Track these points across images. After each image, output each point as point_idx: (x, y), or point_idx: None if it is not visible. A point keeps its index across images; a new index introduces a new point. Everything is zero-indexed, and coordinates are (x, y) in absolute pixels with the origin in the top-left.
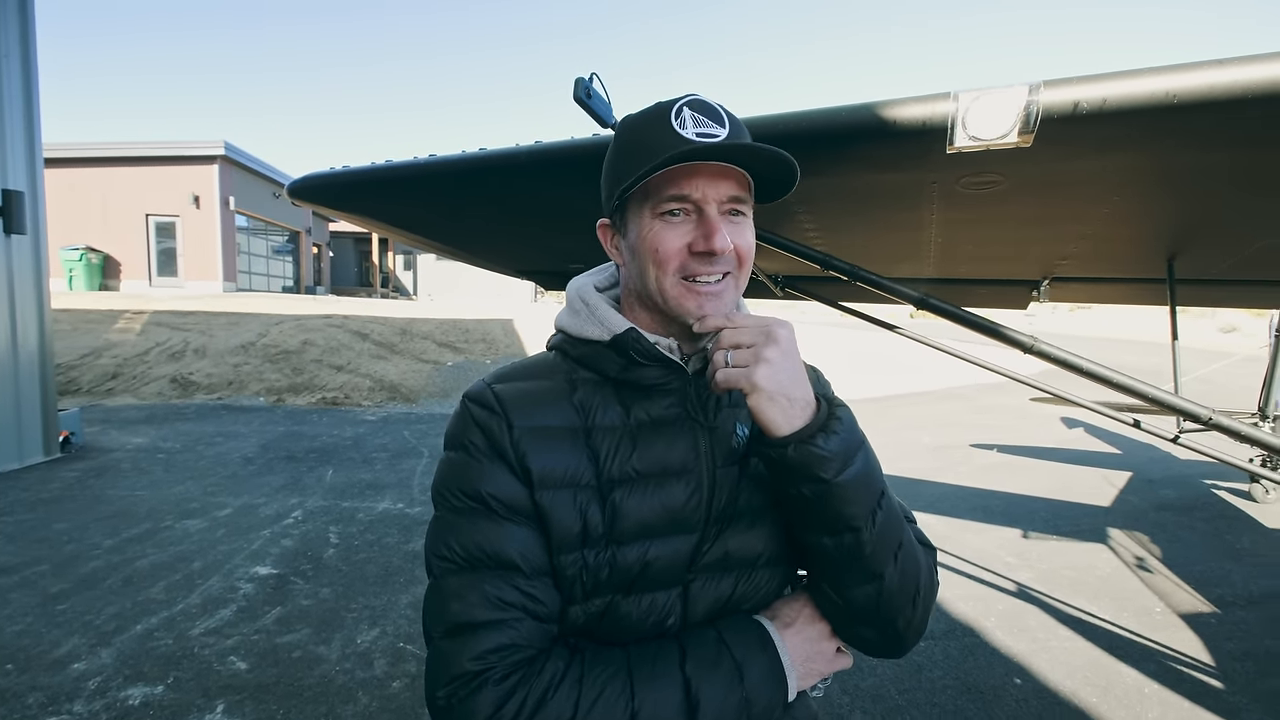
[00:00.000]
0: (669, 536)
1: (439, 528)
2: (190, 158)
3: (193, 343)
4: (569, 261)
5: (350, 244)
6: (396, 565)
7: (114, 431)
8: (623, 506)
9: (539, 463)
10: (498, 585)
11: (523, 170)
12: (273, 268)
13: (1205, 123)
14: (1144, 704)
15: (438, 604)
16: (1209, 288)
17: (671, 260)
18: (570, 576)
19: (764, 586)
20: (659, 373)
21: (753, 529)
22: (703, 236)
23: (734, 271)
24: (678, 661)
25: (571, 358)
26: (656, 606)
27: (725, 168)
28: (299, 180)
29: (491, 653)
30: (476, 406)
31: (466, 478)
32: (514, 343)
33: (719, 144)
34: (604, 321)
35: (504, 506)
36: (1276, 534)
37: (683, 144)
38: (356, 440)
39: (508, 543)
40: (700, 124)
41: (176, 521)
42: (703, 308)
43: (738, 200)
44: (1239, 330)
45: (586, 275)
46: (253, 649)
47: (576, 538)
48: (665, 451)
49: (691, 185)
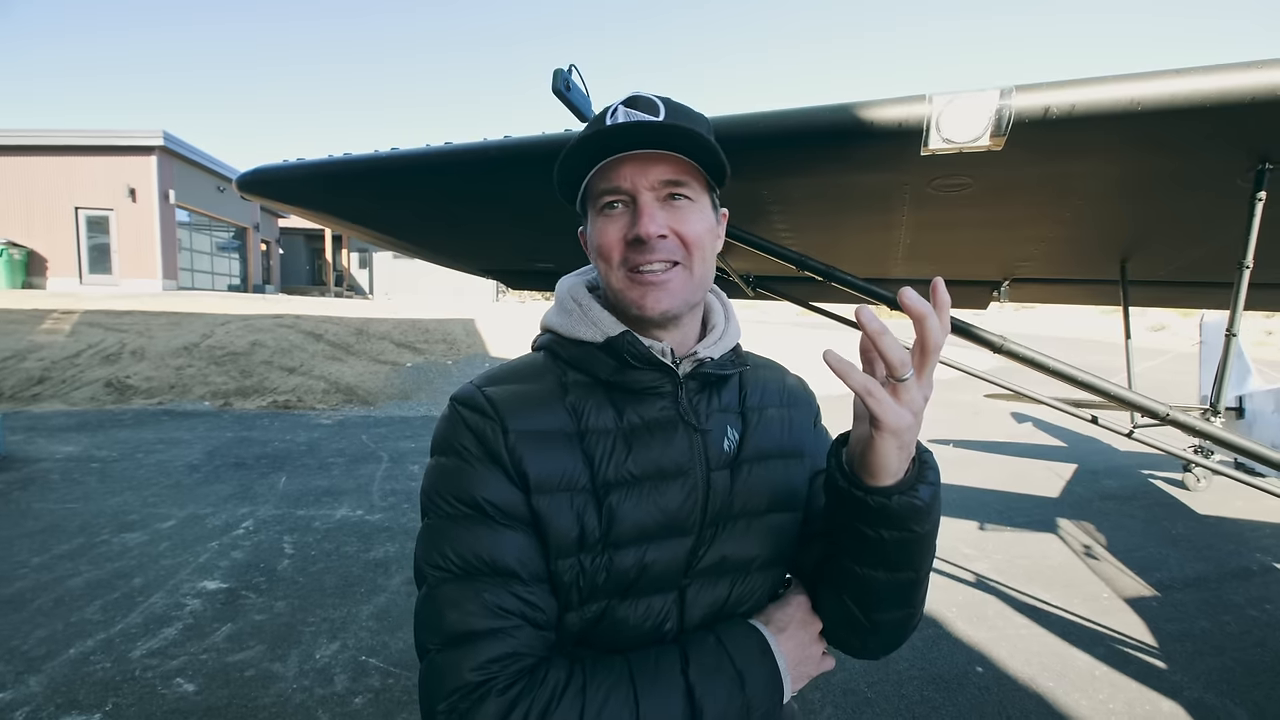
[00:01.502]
0: (666, 540)
1: (432, 535)
2: (125, 148)
3: (129, 344)
4: (535, 260)
5: (301, 241)
6: (357, 575)
7: (41, 440)
8: (619, 510)
9: (535, 467)
10: (496, 593)
11: (491, 165)
12: (218, 265)
13: (1163, 129)
14: (1095, 686)
15: (434, 614)
16: (1158, 289)
17: (613, 252)
18: (567, 582)
19: (758, 590)
20: (652, 376)
21: (748, 533)
22: (632, 224)
23: (682, 260)
24: (680, 668)
25: (562, 359)
26: (653, 611)
27: (658, 154)
28: (249, 173)
29: (493, 662)
30: (468, 410)
31: (460, 483)
32: (476, 343)
33: (632, 124)
34: (597, 323)
35: (500, 512)
36: (1208, 520)
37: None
38: (311, 445)
39: (505, 549)
40: (631, 116)
41: (114, 535)
42: (644, 297)
43: (675, 184)
44: (1168, 329)
45: (576, 275)
46: (201, 669)
47: (574, 543)
48: (661, 454)
49: (620, 176)
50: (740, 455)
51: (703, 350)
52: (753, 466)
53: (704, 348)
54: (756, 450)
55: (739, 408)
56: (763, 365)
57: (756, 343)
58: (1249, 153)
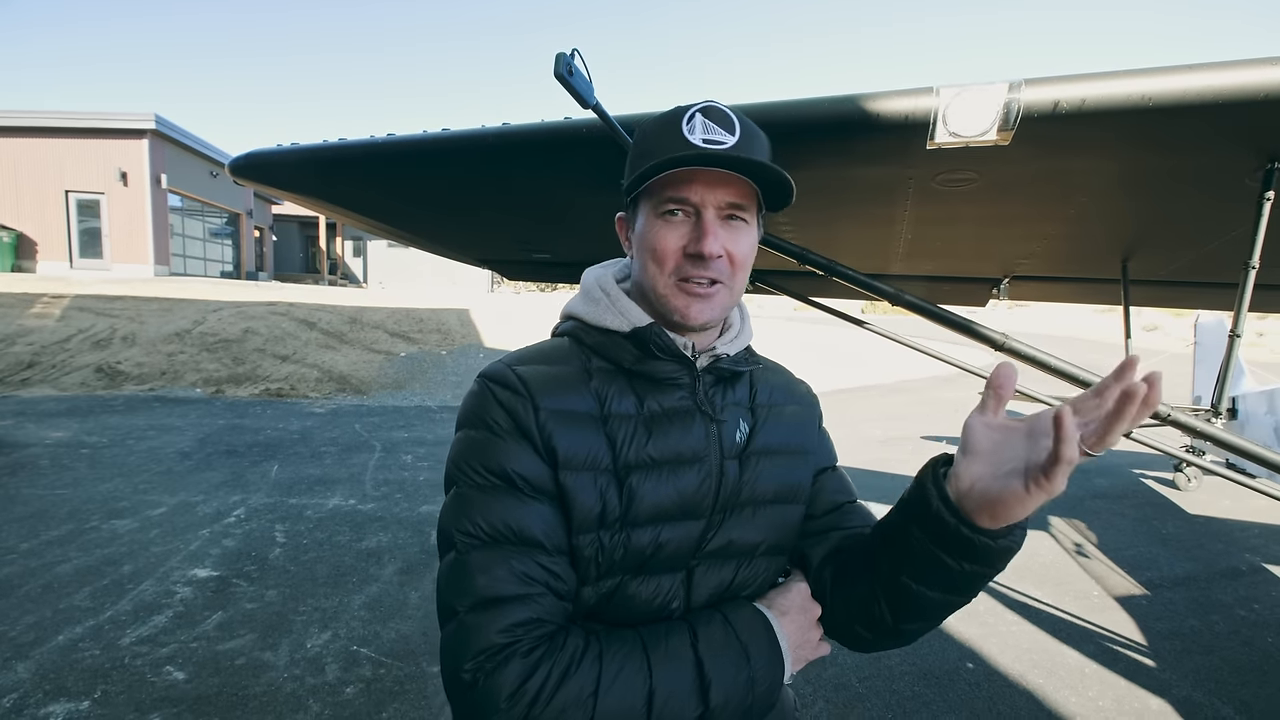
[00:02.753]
0: (680, 521)
1: (460, 503)
2: (117, 130)
3: (120, 330)
4: (532, 250)
5: (295, 228)
6: (349, 565)
7: (30, 425)
8: (639, 491)
9: (564, 445)
10: (523, 561)
11: (489, 153)
12: (210, 251)
13: (1173, 127)
14: (1085, 683)
15: (462, 577)
16: (1159, 288)
17: (668, 259)
18: (587, 557)
19: (762, 574)
20: (672, 367)
21: (754, 520)
22: (696, 239)
23: (726, 280)
24: (690, 642)
25: (586, 345)
26: (662, 589)
27: (726, 174)
28: (242, 157)
29: (518, 626)
30: (499, 387)
31: (491, 455)
32: (470, 333)
33: (716, 152)
34: (625, 313)
35: (529, 485)
36: (1198, 519)
37: (687, 149)
38: (304, 434)
39: (533, 520)
40: (709, 130)
41: (103, 522)
42: (689, 307)
43: (737, 207)
44: (1160, 329)
45: (602, 267)
46: (191, 657)
47: (595, 519)
48: (680, 440)
49: (691, 189)
50: (749, 447)
51: (720, 347)
52: (760, 459)
53: (722, 345)
54: (764, 444)
55: (749, 404)
56: (772, 368)
57: (754, 338)
58: (1258, 151)
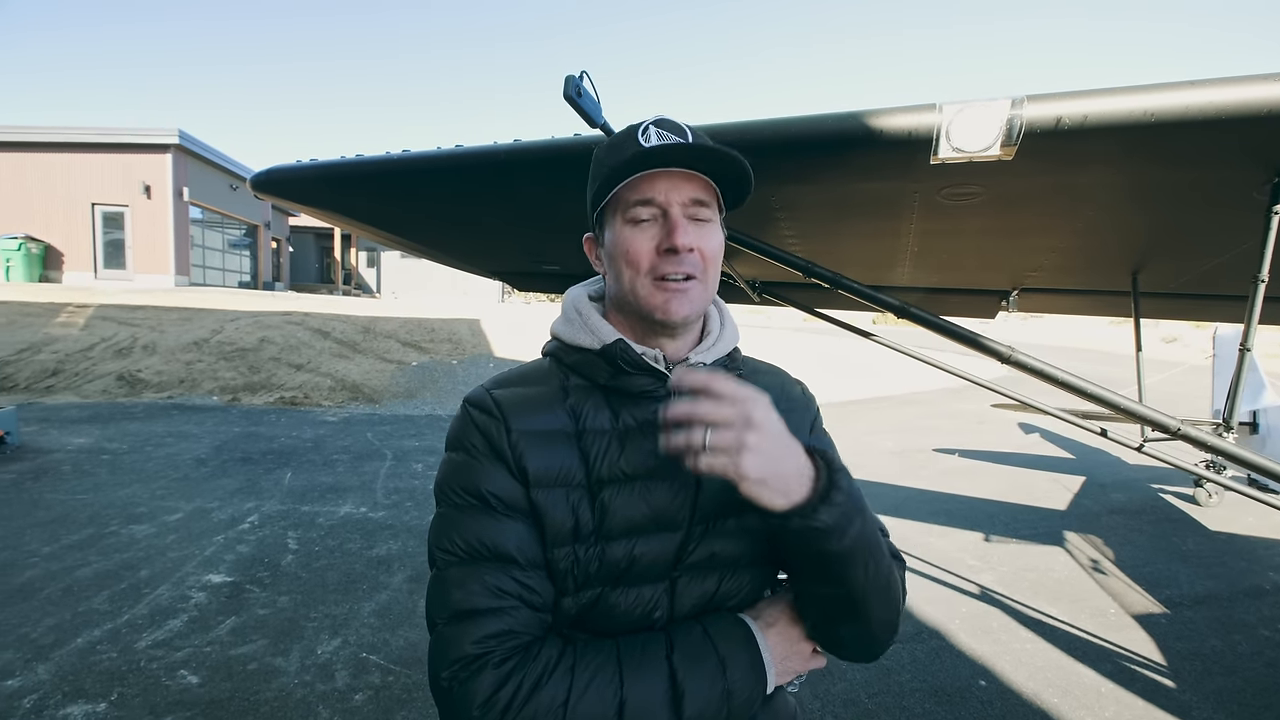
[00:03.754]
0: (654, 534)
1: (442, 523)
2: (142, 145)
3: (141, 338)
4: (542, 263)
5: (311, 239)
6: (359, 572)
7: (54, 431)
8: (611, 505)
9: (535, 464)
10: (497, 576)
11: (499, 169)
12: (229, 262)
13: (1178, 141)
14: (1101, 703)
15: (442, 592)
16: (1170, 301)
17: (642, 260)
18: (563, 569)
19: (747, 586)
20: (645, 381)
21: (737, 532)
22: (667, 235)
23: (699, 276)
24: (665, 653)
25: (565, 364)
26: (643, 599)
27: (687, 173)
28: (264, 173)
29: (491, 638)
30: (477, 411)
31: (468, 477)
32: (481, 343)
33: (677, 144)
34: (594, 330)
35: (502, 504)
36: (1220, 536)
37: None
38: (317, 442)
39: (506, 537)
40: (664, 137)
41: (122, 527)
42: (669, 303)
43: (701, 204)
44: (1179, 340)
45: (581, 286)
46: (205, 662)
47: (569, 533)
48: (651, 454)
49: (654, 189)
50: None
51: (695, 356)
52: None
53: (697, 353)
54: None
55: None
56: (764, 370)
57: (760, 348)
58: (1265, 165)
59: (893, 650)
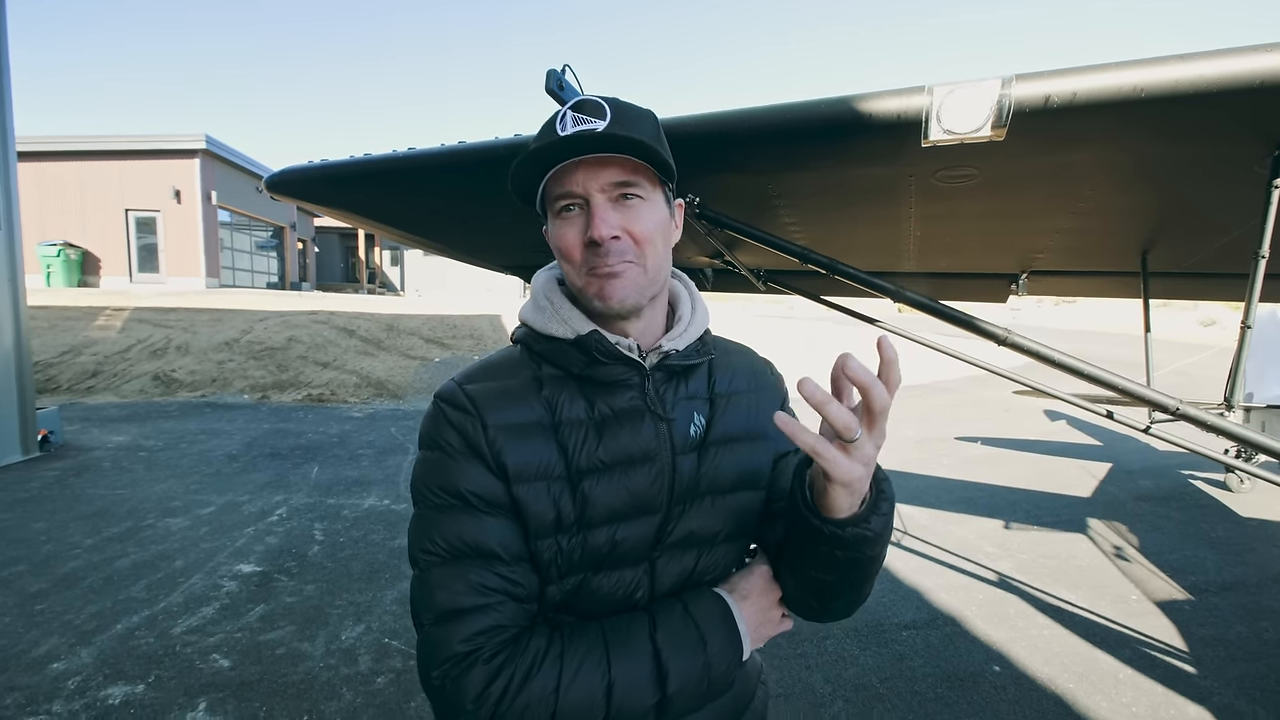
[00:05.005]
0: (635, 519)
1: (421, 524)
2: (171, 151)
3: (175, 340)
4: (550, 256)
5: (336, 239)
6: (382, 561)
7: (94, 430)
8: (591, 494)
9: (514, 459)
10: (481, 573)
11: (501, 164)
12: (257, 264)
13: (1173, 116)
14: (1119, 689)
15: (425, 594)
16: (1182, 280)
17: (574, 253)
18: (546, 560)
19: (722, 561)
20: (620, 370)
21: (714, 509)
22: (587, 227)
23: (634, 258)
24: (648, 633)
25: (536, 353)
26: (625, 582)
27: (605, 157)
28: (277, 174)
29: (479, 634)
30: (450, 407)
31: (445, 476)
32: (502, 338)
33: (578, 134)
34: (567, 320)
35: (482, 501)
36: (1250, 523)
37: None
38: (342, 437)
39: (488, 534)
40: (580, 122)
41: (158, 520)
42: (602, 289)
43: (626, 184)
44: (1218, 323)
45: (548, 270)
46: (235, 647)
47: (551, 525)
48: (629, 442)
49: (572, 181)
50: (707, 439)
51: (667, 343)
52: (719, 449)
53: (669, 340)
54: (723, 434)
55: (707, 394)
56: (734, 351)
57: (782, 338)
58: (1265, 138)
59: (905, 636)
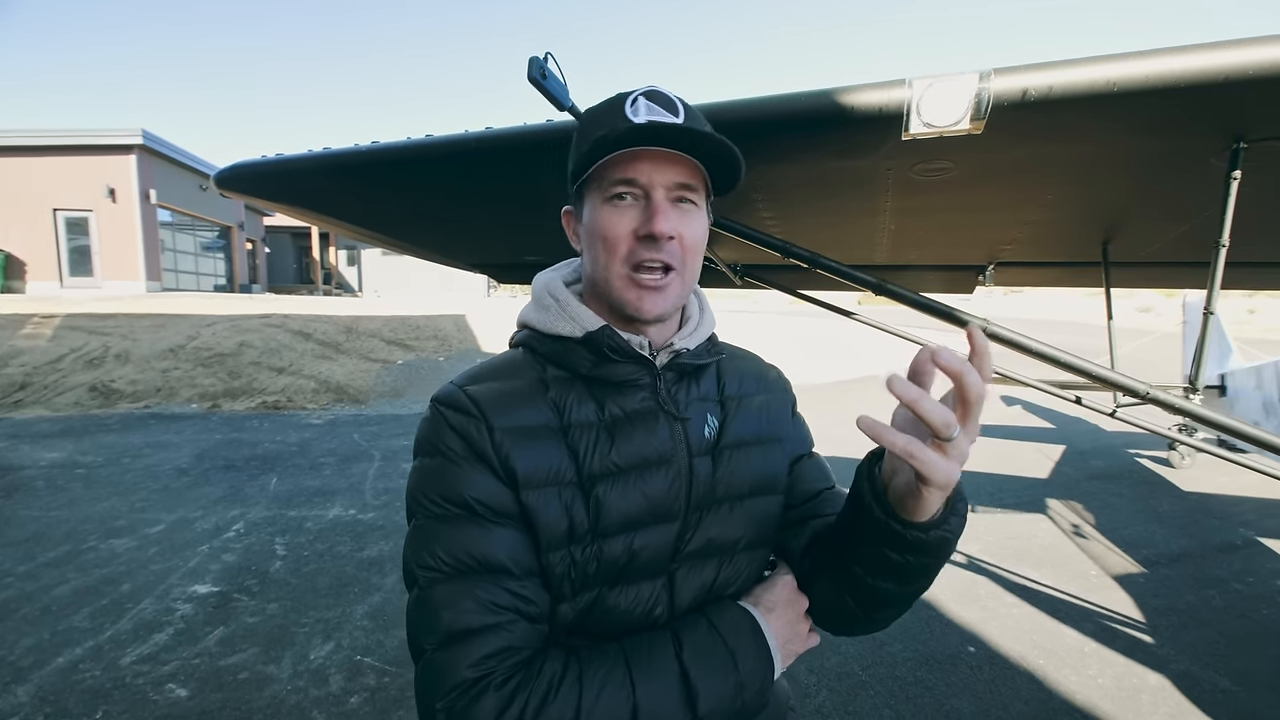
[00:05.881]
0: (652, 526)
1: (421, 536)
2: (104, 147)
3: (114, 347)
4: (525, 254)
5: (288, 239)
6: (350, 575)
7: (24, 446)
8: (606, 500)
9: (523, 463)
10: (489, 589)
11: (472, 158)
12: (202, 266)
13: (1140, 109)
14: (1085, 662)
15: (427, 615)
16: (1141, 269)
17: (619, 245)
18: (559, 574)
19: (744, 571)
20: (631, 368)
21: (732, 516)
22: (647, 220)
23: (678, 268)
24: (674, 652)
25: (540, 354)
26: (643, 597)
27: (674, 155)
28: (227, 169)
29: (490, 657)
30: (451, 410)
31: (447, 483)
32: (468, 338)
33: (663, 124)
34: (575, 317)
35: (489, 510)
36: (1192, 496)
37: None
38: (302, 445)
39: (496, 546)
40: (654, 112)
41: (101, 542)
42: (642, 300)
43: (687, 188)
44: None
45: (552, 270)
46: (194, 674)
47: (564, 535)
48: (644, 444)
49: (638, 169)
50: (721, 442)
51: (679, 342)
52: (733, 452)
53: (680, 339)
54: (736, 437)
55: (718, 396)
56: (740, 355)
57: (747, 332)
58: (1224, 132)
59: None
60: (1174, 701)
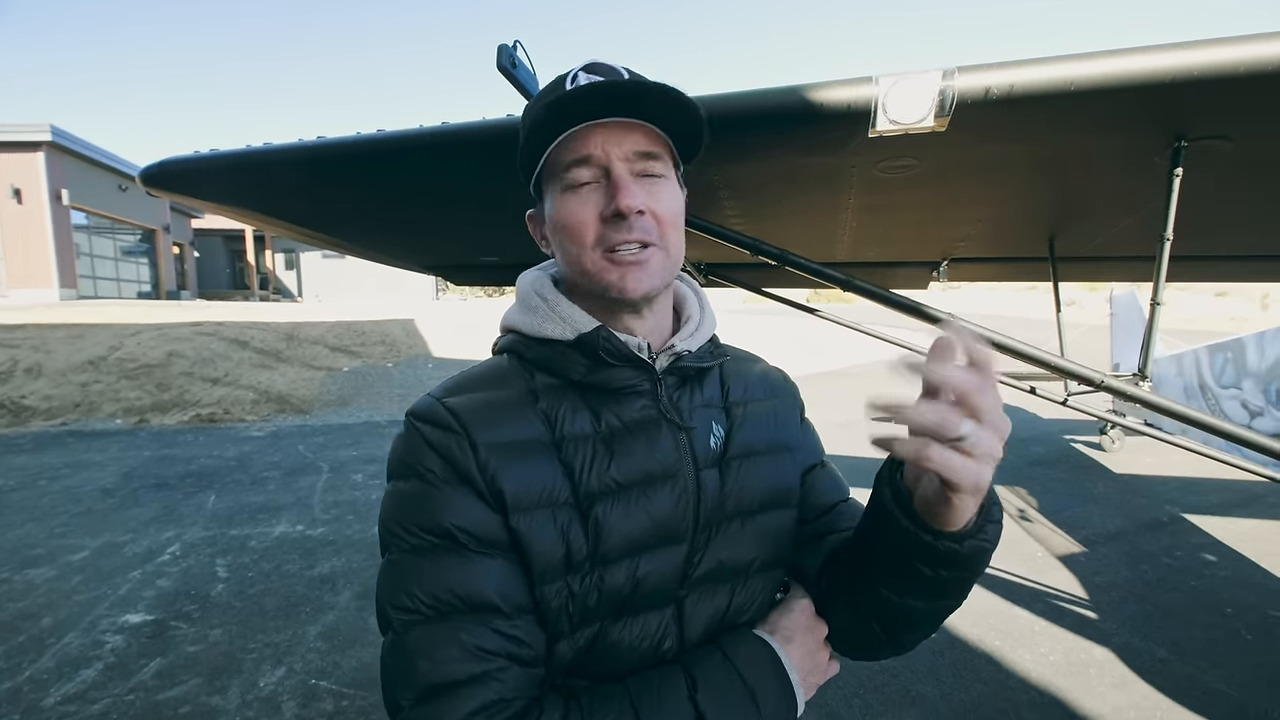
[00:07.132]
0: (658, 549)
1: (394, 574)
2: (7, 144)
3: (23, 361)
4: (482, 254)
5: (219, 242)
6: (301, 594)
7: None
8: (606, 522)
9: (511, 483)
10: (475, 632)
11: (426, 154)
12: (124, 271)
13: (1095, 110)
14: (1036, 640)
15: (403, 665)
16: (1085, 264)
17: (586, 231)
18: (556, 609)
19: (759, 595)
20: (629, 374)
21: (743, 534)
22: (610, 199)
23: (656, 241)
24: (687, 693)
25: (528, 360)
26: (650, 629)
27: (629, 123)
28: (154, 166)
29: (477, 713)
30: (428, 426)
31: (425, 510)
32: (417, 343)
33: (602, 83)
34: (566, 318)
35: (474, 539)
36: (1123, 478)
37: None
38: (242, 460)
39: (483, 580)
40: (593, 81)
41: (15, 573)
42: (624, 279)
43: (649, 157)
44: (1077, 303)
45: (539, 269)
46: (128, 711)
47: (560, 563)
48: (645, 457)
49: (590, 143)
50: (728, 452)
51: (679, 343)
52: (742, 463)
53: (680, 340)
54: (744, 446)
55: (722, 403)
56: (743, 358)
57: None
58: (1166, 131)
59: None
60: (1118, 673)
